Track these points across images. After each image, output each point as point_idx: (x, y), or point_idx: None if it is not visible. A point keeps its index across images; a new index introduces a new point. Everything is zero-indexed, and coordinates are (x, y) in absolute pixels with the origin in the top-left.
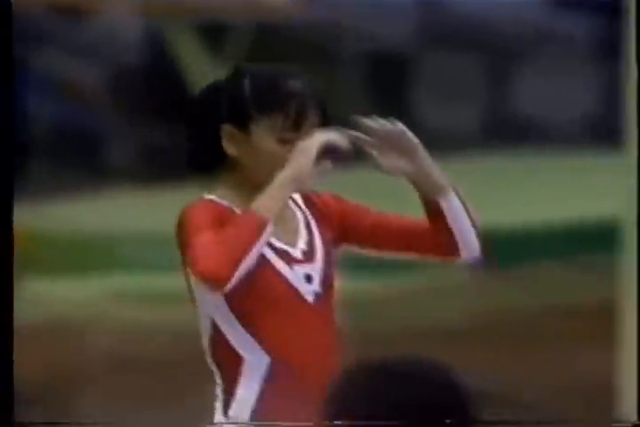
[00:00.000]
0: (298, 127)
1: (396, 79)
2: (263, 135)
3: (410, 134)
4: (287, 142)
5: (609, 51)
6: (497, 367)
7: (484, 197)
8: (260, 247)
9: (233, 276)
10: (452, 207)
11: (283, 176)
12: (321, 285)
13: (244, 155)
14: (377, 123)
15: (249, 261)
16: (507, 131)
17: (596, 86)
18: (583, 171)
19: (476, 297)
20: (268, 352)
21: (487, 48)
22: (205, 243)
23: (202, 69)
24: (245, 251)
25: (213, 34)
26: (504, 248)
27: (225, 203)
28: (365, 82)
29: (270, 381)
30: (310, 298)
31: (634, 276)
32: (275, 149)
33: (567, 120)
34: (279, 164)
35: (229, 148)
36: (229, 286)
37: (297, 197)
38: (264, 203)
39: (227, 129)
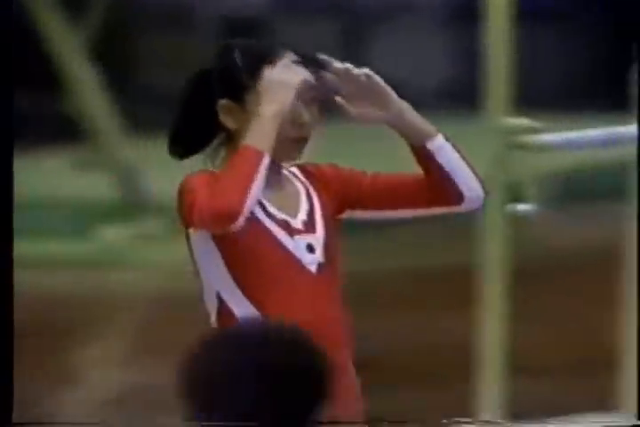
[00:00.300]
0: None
1: None
2: (259, 102)
3: (378, 78)
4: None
5: (466, 17)
6: (360, 329)
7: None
8: (261, 178)
9: (244, 205)
10: (442, 150)
11: (267, 110)
12: (323, 255)
13: (243, 127)
14: (342, 65)
15: (255, 191)
16: None
17: (454, 52)
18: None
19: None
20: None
21: (344, 14)
22: (209, 187)
23: (62, 38)
24: (250, 181)
25: (73, 3)
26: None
27: None
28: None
29: None
30: (313, 268)
31: (497, 238)
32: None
33: (427, 86)
34: (278, 128)
35: (228, 122)
36: (242, 218)
37: (296, 169)
38: (255, 138)
39: (223, 104)
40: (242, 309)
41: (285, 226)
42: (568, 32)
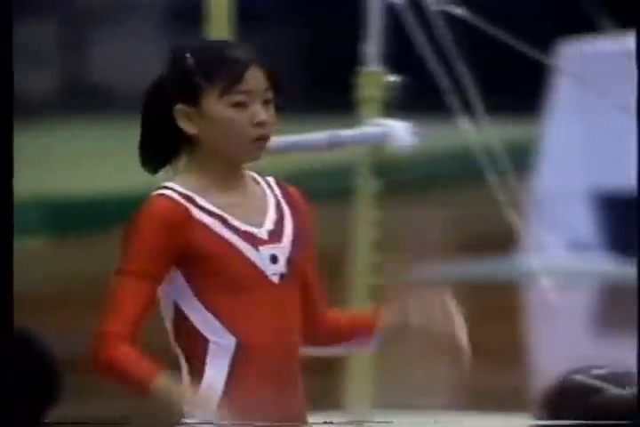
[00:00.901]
0: (244, 87)
1: None
2: (216, 104)
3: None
4: (239, 105)
5: (186, 17)
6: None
7: (67, 165)
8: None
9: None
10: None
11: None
12: (286, 265)
13: (203, 131)
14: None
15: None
16: (86, 98)
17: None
18: None
19: (54, 264)
20: (234, 334)
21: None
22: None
23: None
24: (120, 382)
25: None
26: (78, 216)
27: (187, 192)
28: None
29: (238, 362)
30: (275, 279)
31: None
32: (231, 113)
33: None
34: (239, 128)
35: (187, 127)
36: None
37: (272, 180)
38: (165, 396)
39: (180, 109)
40: (201, 320)
41: (249, 238)
42: (290, 33)
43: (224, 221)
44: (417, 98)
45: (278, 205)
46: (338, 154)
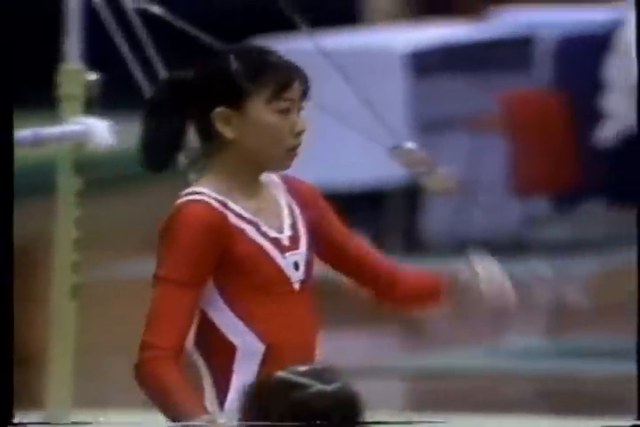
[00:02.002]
0: (290, 95)
1: None
2: (262, 109)
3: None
4: (283, 112)
5: None
6: None
7: None
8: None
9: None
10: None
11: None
12: (305, 272)
13: (241, 135)
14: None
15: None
16: None
17: None
18: None
19: None
20: (262, 338)
21: None
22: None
23: None
24: (156, 400)
25: None
26: None
27: (220, 198)
28: None
29: (265, 367)
30: (297, 286)
31: None
32: (275, 120)
33: None
34: (281, 135)
35: (225, 130)
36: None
37: (277, 179)
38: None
39: (221, 112)
40: (229, 324)
41: (277, 244)
42: None
43: (257, 227)
44: (117, 96)
45: (290, 208)
46: (40, 151)
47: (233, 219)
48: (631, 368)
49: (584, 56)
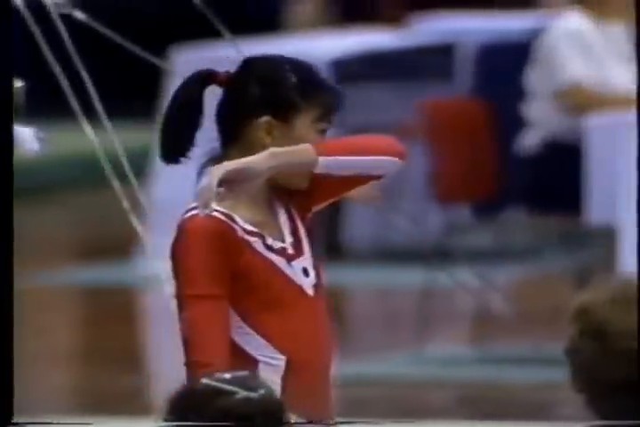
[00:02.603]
0: (332, 118)
1: None
2: (309, 127)
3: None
4: (321, 133)
5: None
6: None
7: None
8: None
9: None
10: (329, 168)
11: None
12: (315, 275)
13: (280, 145)
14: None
15: None
16: None
17: None
18: None
19: None
20: (284, 352)
21: None
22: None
23: None
24: None
25: None
26: None
27: (225, 211)
28: None
29: (289, 380)
30: (311, 291)
31: None
32: (315, 139)
33: None
34: None
35: (266, 139)
36: None
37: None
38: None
39: (266, 121)
40: (247, 340)
41: (283, 253)
42: None
43: (263, 240)
44: (43, 103)
45: (288, 210)
46: None
47: (240, 233)
48: (554, 375)
49: (505, 64)
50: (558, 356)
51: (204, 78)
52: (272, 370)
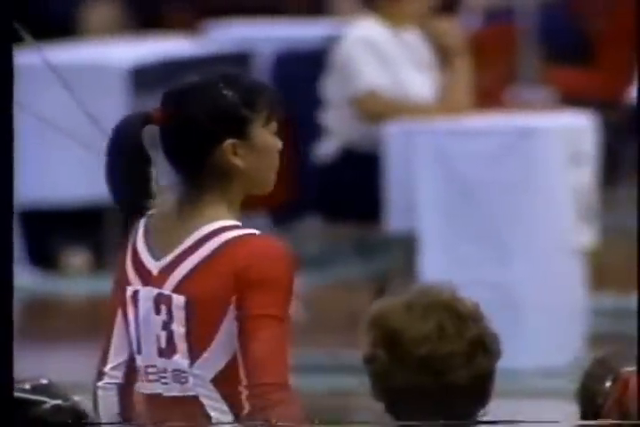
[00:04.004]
0: (277, 116)
1: None
2: (263, 133)
3: None
4: (274, 133)
5: None
6: None
7: None
8: None
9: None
10: None
11: None
12: None
13: (249, 163)
14: None
15: None
16: None
17: None
18: None
19: None
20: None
21: None
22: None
23: None
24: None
25: None
26: None
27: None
28: None
29: None
30: None
31: None
32: (273, 141)
33: None
34: (277, 156)
35: (236, 161)
36: None
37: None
38: None
39: (229, 144)
40: None
41: None
42: None
43: None
44: None
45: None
46: None
47: None
48: (350, 382)
49: (301, 72)
50: (355, 363)
51: (142, 121)
52: None
